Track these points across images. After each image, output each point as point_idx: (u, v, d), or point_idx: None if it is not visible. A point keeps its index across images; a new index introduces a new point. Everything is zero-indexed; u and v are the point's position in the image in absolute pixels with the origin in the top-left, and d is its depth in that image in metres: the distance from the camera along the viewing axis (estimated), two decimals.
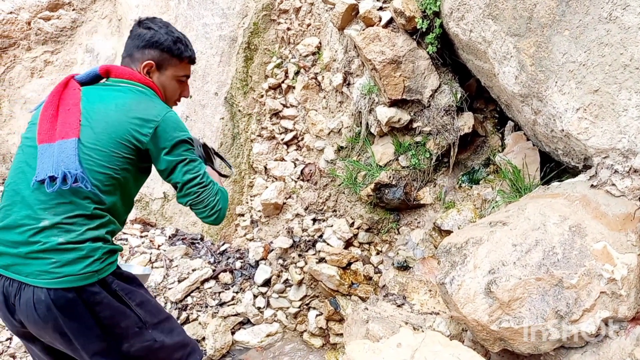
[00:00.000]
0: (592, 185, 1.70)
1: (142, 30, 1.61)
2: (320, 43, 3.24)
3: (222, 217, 1.64)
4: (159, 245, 3.18)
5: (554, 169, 2.21)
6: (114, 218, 1.53)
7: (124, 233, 3.31)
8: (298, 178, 3.14)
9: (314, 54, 3.23)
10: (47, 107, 1.49)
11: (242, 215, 3.22)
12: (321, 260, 2.79)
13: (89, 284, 1.41)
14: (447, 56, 2.65)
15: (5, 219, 1.46)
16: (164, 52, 1.61)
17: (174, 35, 1.64)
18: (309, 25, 3.28)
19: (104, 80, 1.60)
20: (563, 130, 1.75)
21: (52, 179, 1.38)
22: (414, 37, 2.54)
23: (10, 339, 2.48)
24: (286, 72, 3.33)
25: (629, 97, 1.53)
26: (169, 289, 2.81)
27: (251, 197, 3.25)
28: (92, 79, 1.59)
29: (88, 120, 1.47)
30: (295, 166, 3.18)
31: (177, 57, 1.65)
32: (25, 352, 2.45)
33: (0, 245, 1.44)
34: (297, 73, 3.28)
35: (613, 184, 1.63)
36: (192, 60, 1.70)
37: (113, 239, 1.54)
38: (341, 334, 2.62)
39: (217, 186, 1.63)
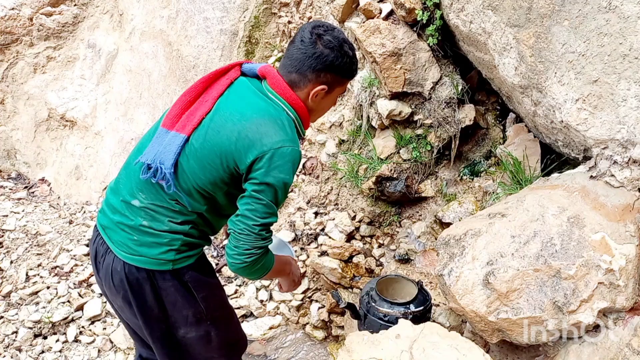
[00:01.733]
0: (591, 177, 1.69)
1: (323, 50, 1.40)
2: None
3: (246, 272, 1.45)
4: None
5: (555, 160, 2.20)
6: (204, 222, 1.49)
7: None
8: (300, 172, 3.15)
9: None
10: (188, 92, 1.44)
11: None
12: (323, 253, 2.80)
13: (160, 270, 1.44)
14: (448, 48, 2.63)
15: (116, 183, 1.52)
16: (338, 76, 1.46)
17: (350, 55, 1.46)
18: (309, 18, 3.27)
19: (261, 82, 1.47)
20: (562, 121, 1.75)
21: (149, 167, 1.38)
22: (415, 29, 2.53)
23: (17, 332, 2.52)
24: None
25: (628, 87, 1.52)
26: None
27: None
28: (253, 75, 1.49)
29: (212, 120, 1.38)
30: None
31: (348, 79, 1.52)
32: (31, 345, 2.50)
33: (105, 205, 1.53)
34: None
35: (612, 175, 1.63)
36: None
37: (200, 235, 1.50)
38: (343, 327, 2.63)
39: (270, 255, 1.48)
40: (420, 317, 1.71)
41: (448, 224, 2.50)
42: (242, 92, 1.43)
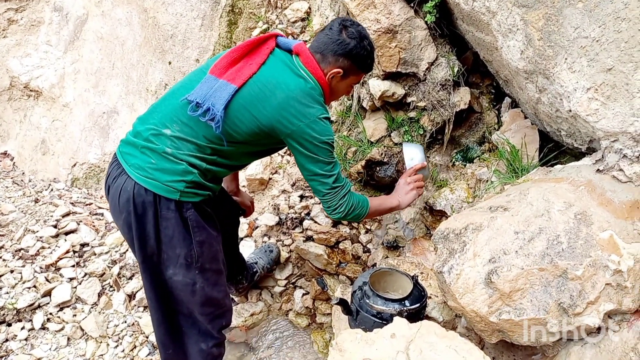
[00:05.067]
0: (597, 170, 1.62)
1: (345, 39, 1.65)
2: (309, 8, 3.04)
3: (348, 219, 1.81)
4: None
5: (553, 149, 2.13)
6: (217, 167, 1.64)
7: (99, 208, 3.15)
8: (285, 152, 3.00)
9: (302, 19, 3.04)
10: (235, 50, 1.62)
11: None
12: (308, 238, 2.69)
13: (167, 198, 1.55)
14: (445, 27, 2.50)
15: (148, 114, 1.66)
16: (354, 65, 1.69)
17: (368, 50, 1.70)
18: None
19: (292, 56, 1.67)
20: (570, 111, 1.65)
21: (198, 105, 1.53)
22: (411, 5, 2.38)
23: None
24: None
25: None
26: None
27: None
28: (287, 49, 1.68)
29: (260, 81, 1.57)
30: None
31: (363, 71, 1.75)
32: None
33: (129, 134, 1.66)
34: None
35: (620, 169, 1.55)
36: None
37: (209, 179, 1.64)
38: (328, 314, 2.56)
39: (357, 196, 1.79)
40: (416, 315, 1.63)
41: (439, 212, 2.42)
42: (281, 64, 1.63)
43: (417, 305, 1.64)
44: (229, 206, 2.17)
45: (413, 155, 2.06)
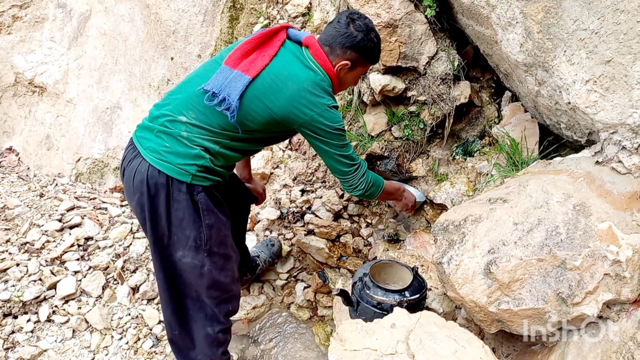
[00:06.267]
0: (596, 162, 1.63)
1: (353, 31, 1.71)
2: (310, 3, 3.05)
3: (367, 196, 1.93)
4: None
5: (553, 142, 2.13)
6: (230, 151, 1.69)
7: (103, 202, 3.18)
8: (286, 147, 3.02)
9: (303, 15, 3.05)
10: (249, 42, 1.67)
11: None
12: (310, 232, 2.71)
13: (179, 180, 1.60)
14: (445, 21, 2.50)
15: (165, 101, 1.71)
16: (362, 56, 1.75)
17: (375, 42, 1.77)
18: None
19: (302, 48, 1.73)
20: (570, 103, 1.66)
21: (214, 94, 1.59)
22: None
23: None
24: None
25: None
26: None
27: None
28: (297, 41, 1.74)
29: (273, 73, 1.63)
30: None
31: (370, 62, 1.82)
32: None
33: (146, 119, 1.72)
34: None
35: (619, 161, 1.56)
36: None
37: (220, 164, 1.69)
38: (329, 307, 2.58)
39: (374, 175, 1.91)
40: (416, 305, 1.65)
41: (439, 205, 2.43)
42: (292, 56, 1.68)
43: (417, 296, 1.66)
44: (241, 193, 2.22)
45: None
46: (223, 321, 1.84)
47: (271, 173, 2.97)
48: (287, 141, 3.02)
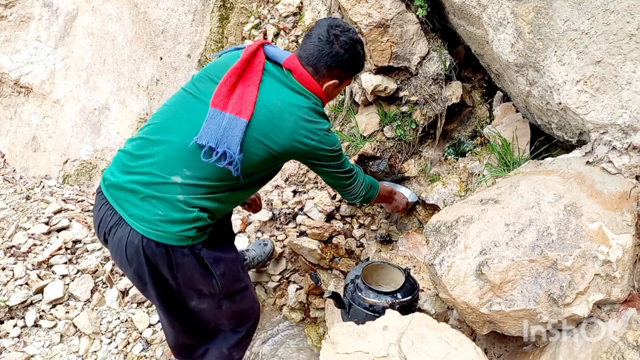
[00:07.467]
0: (587, 162, 1.63)
1: (339, 50, 1.59)
2: (301, 3, 3.03)
3: (366, 201, 2.01)
4: None
5: (544, 143, 2.14)
6: (229, 203, 1.63)
7: (91, 204, 3.13)
8: None
9: (294, 14, 3.03)
10: (232, 74, 1.50)
11: None
12: (302, 233, 2.69)
13: (180, 246, 1.50)
14: (437, 21, 2.50)
15: (141, 149, 1.50)
16: (348, 73, 1.69)
17: (361, 54, 1.68)
18: None
19: (284, 70, 1.59)
20: (560, 104, 1.66)
21: (211, 149, 1.43)
22: None
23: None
24: (265, 34, 3.12)
25: (634, 70, 1.44)
26: None
27: None
28: (275, 61, 1.59)
29: (266, 107, 1.50)
30: None
31: (357, 73, 1.76)
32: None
33: (119, 167, 1.52)
34: (276, 35, 3.07)
35: (610, 161, 1.57)
36: None
37: (218, 215, 1.60)
38: (322, 308, 2.56)
39: (369, 179, 1.93)
40: (408, 307, 1.64)
41: (432, 205, 2.43)
42: (278, 83, 1.57)
43: (409, 297, 1.65)
44: None
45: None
46: (240, 331, 1.85)
47: None
48: None
